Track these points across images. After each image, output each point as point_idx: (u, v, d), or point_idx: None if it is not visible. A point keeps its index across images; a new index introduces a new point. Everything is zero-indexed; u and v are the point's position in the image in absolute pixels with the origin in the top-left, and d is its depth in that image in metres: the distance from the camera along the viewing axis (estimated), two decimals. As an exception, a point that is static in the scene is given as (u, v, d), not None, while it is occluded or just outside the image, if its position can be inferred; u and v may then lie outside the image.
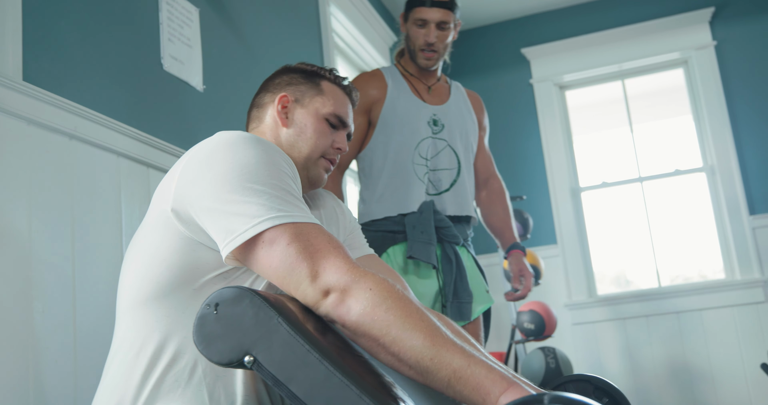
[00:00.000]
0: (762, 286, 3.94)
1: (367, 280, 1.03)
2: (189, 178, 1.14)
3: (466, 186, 2.36)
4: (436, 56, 2.37)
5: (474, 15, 4.65)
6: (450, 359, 0.97)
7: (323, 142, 1.43)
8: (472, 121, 2.45)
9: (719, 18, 4.31)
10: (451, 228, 2.25)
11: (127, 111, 1.88)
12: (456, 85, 2.51)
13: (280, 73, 1.50)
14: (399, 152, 2.30)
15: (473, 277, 2.28)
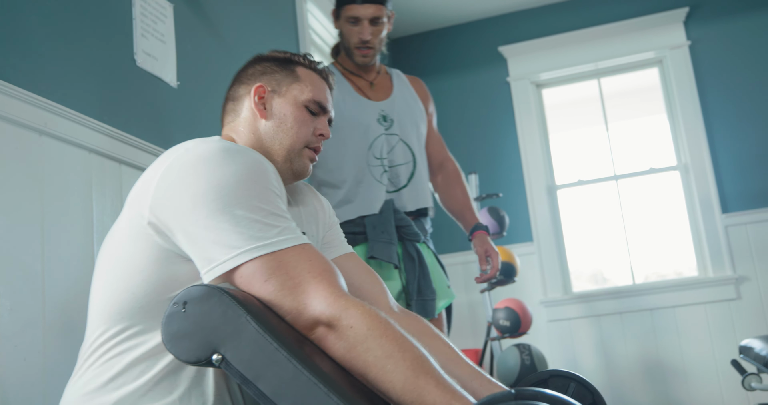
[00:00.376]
0: (734, 283, 3.99)
1: (350, 316, 1.02)
2: (166, 194, 1.11)
3: (423, 177, 2.36)
4: (373, 53, 2.36)
5: (451, 13, 4.66)
6: (431, 400, 0.97)
7: (305, 132, 1.40)
8: (420, 110, 2.44)
9: (693, 18, 4.36)
10: (412, 226, 2.24)
11: (99, 107, 1.86)
12: (396, 73, 2.49)
13: (253, 63, 1.46)
14: (353, 156, 2.28)
15: (435, 273, 2.28)
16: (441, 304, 2.25)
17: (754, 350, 2.49)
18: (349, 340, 1.02)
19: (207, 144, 1.15)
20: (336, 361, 1.06)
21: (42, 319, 1.54)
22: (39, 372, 1.51)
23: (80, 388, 1.15)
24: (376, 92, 2.39)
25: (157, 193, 1.12)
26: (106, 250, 1.21)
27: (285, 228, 1.10)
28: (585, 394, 1.35)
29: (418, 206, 2.31)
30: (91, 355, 1.16)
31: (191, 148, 1.15)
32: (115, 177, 1.86)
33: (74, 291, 1.63)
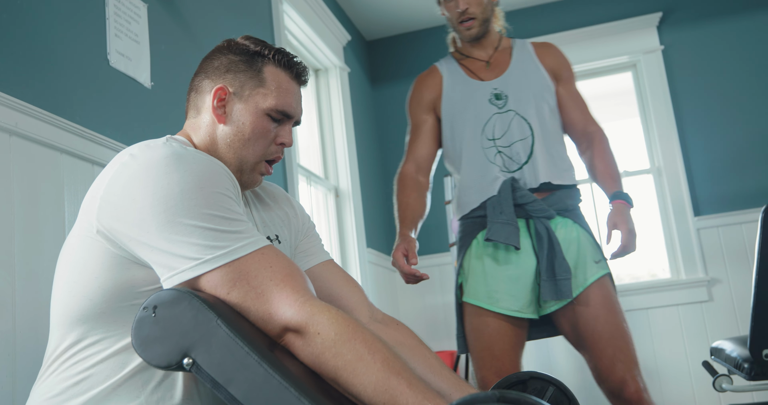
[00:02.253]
0: (706, 285, 4.04)
1: (316, 322, 1.01)
2: (112, 206, 1.08)
3: (550, 151, 2.23)
4: (476, 22, 2.29)
5: (427, 15, 4.67)
6: (404, 401, 0.97)
7: (262, 144, 1.32)
8: (542, 79, 2.30)
9: (666, 23, 4.41)
10: (537, 202, 2.14)
11: (72, 107, 1.84)
12: (521, 44, 2.37)
13: (221, 53, 1.36)
14: (468, 142, 2.26)
15: (579, 249, 2.15)
16: (589, 279, 2.11)
17: (725, 352, 2.52)
18: (318, 346, 1.01)
19: (151, 151, 1.11)
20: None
21: (12, 323, 1.51)
22: (9, 375, 1.49)
23: (44, 393, 1.13)
24: (491, 71, 2.32)
25: (103, 205, 1.09)
26: (64, 255, 1.19)
27: (241, 233, 1.07)
28: (562, 399, 1.35)
29: (544, 181, 2.19)
30: (54, 361, 1.15)
31: (136, 155, 1.11)
32: (88, 178, 1.84)
33: (46, 293, 1.61)
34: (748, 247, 3.99)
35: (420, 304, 4.45)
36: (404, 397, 0.97)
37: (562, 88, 2.32)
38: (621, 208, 2.09)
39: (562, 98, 2.31)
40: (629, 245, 2.02)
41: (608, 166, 2.21)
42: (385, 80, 4.87)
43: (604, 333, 2.05)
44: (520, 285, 2.14)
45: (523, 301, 2.13)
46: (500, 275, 2.15)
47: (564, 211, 2.19)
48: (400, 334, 1.42)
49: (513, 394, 0.78)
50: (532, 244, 2.16)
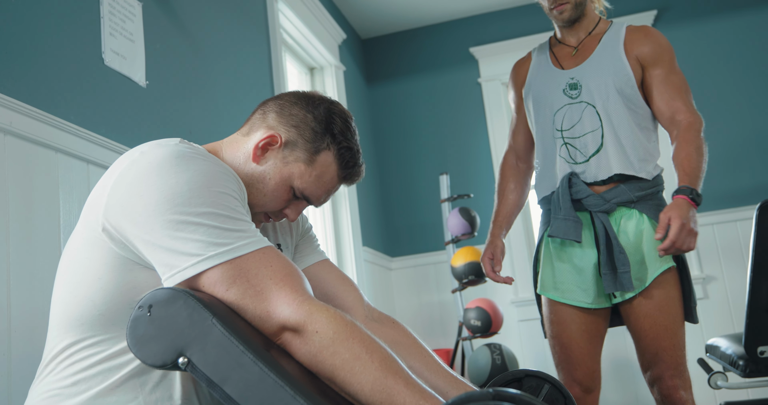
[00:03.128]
0: (701, 283, 4.05)
1: (315, 320, 1.02)
2: (119, 203, 1.08)
3: (621, 142, 2.17)
4: (569, 6, 2.23)
5: (423, 14, 4.67)
6: (401, 400, 0.97)
7: (273, 206, 1.30)
8: (622, 65, 2.20)
9: (661, 21, 4.41)
10: (592, 196, 2.14)
11: (66, 106, 1.83)
12: (616, 28, 2.29)
13: (306, 106, 1.30)
14: (542, 132, 2.28)
15: (646, 241, 2.12)
16: (654, 273, 2.10)
17: (720, 349, 2.53)
18: (315, 345, 1.01)
19: (161, 148, 1.11)
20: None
21: (8, 322, 1.51)
22: (4, 375, 1.48)
23: (43, 391, 1.14)
24: (575, 58, 2.28)
25: (110, 202, 1.09)
26: (66, 255, 1.19)
27: (244, 231, 1.07)
28: (557, 397, 1.35)
29: (616, 172, 2.15)
30: (52, 360, 1.15)
31: (146, 152, 1.12)
32: (83, 177, 1.83)
33: (41, 292, 1.61)
34: (743, 244, 4.01)
35: (416, 302, 4.45)
36: (401, 397, 0.97)
37: (651, 74, 2.22)
38: (680, 202, 1.99)
39: (649, 86, 2.22)
40: (679, 241, 1.94)
41: (684, 158, 2.10)
42: (381, 79, 4.87)
43: (651, 332, 2.10)
44: (585, 277, 2.17)
45: (592, 293, 2.16)
46: (566, 267, 2.21)
47: (630, 202, 2.16)
48: (397, 332, 1.43)
49: (508, 393, 0.78)
50: (594, 237, 2.18)
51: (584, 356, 2.18)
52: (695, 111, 2.19)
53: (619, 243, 2.11)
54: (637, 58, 2.21)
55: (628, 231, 2.15)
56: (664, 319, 2.10)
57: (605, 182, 2.18)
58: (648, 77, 2.22)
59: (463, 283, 3.75)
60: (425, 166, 4.62)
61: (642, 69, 2.22)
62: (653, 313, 2.10)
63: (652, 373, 2.12)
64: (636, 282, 2.11)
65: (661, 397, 2.11)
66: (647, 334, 2.11)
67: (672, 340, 2.10)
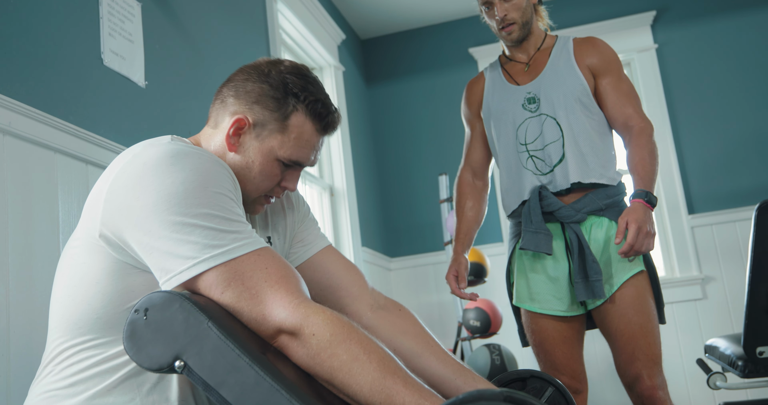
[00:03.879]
0: (700, 283, 4.05)
1: (311, 323, 1.01)
2: (115, 206, 1.08)
3: (581, 151, 2.22)
4: (516, 27, 2.30)
5: (422, 14, 4.67)
6: (400, 400, 0.97)
7: (267, 185, 1.29)
8: (576, 77, 2.27)
9: (660, 22, 4.41)
10: (564, 208, 2.19)
11: (65, 106, 1.83)
12: (562, 42, 2.36)
13: (259, 78, 1.28)
14: (505, 148, 2.32)
15: (614, 248, 2.16)
16: (623, 279, 2.14)
17: (719, 349, 2.53)
18: (313, 348, 1.01)
19: (154, 148, 1.11)
20: (300, 367, 1.05)
21: (7, 323, 1.51)
22: (3, 375, 1.48)
23: (41, 391, 1.14)
24: (527, 74, 2.34)
25: (107, 207, 1.09)
26: (64, 258, 1.19)
27: (239, 233, 1.07)
28: (560, 400, 1.35)
29: (574, 181, 2.21)
30: (51, 361, 1.15)
31: (139, 154, 1.11)
32: (82, 178, 1.83)
33: (40, 293, 1.61)
34: (742, 245, 4.01)
35: (415, 302, 4.45)
36: (400, 397, 0.97)
37: (603, 83, 2.28)
38: (636, 206, 2.07)
39: (601, 94, 2.29)
40: (637, 244, 2.02)
41: (638, 162, 2.17)
42: (380, 79, 4.87)
43: (627, 331, 2.13)
44: (559, 286, 2.22)
45: (566, 301, 2.21)
46: (540, 278, 2.25)
47: (598, 210, 2.21)
48: (404, 320, 1.42)
49: (519, 395, 0.78)
50: (566, 247, 2.22)
51: (568, 360, 2.23)
52: (645, 116, 2.26)
53: (591, 252, 2.16)
54: (588, 68, 2.29)
55: (599, 238, 2.20)
56: (639, 318, 2.13)
57: (569, 191, 2.24)
58: (599, 86, 2.29)
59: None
60: (424, 166, 4.62)
61: (594, 78, 2.30)
62: (628, 312, 2.13)
63: (629, 373, 2.13)
64: (606, 287, 2.16)
65: (641, 398, 2.11)
66: (623, 334, 2.13)
67: (647, 338, 2.12)
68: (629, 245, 2.02)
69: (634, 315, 2.12)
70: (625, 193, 2.29)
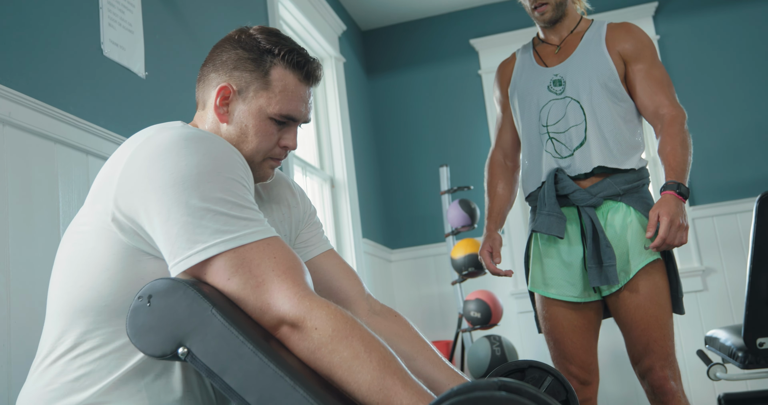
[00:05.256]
0: (701, 275, 4.05)
1: (315, 317, 1.00)
2: (129, 188, 1.07)
3: (604, 135, 2.19)
4: (549, 7, 2.27)
5: (423, 5, 4.66)
6: (398, 401, 0.97)
7: (266, 145, 1.29)
8: (605, 61, 2.23)
9: (662, 13, 4.40)
10: (579, 191, 2.16)
11: (65, 97, 1.83)
12: (597, 26, 2.32)
13: (231, 45, 1.31)
14: (528, 129, 2.31)
15: (633, 234, 2.13)
16: (637, 266, 2.11)
17: (719, 340, 2.53)
18: (314, 342, 1.00)
19: (168, 131, 1.11)
20: None
21: (7, 313, 1.51)
22: (4, 364, 1.49)
23: (43, 385, 1.12)
24: (558, 56, 2.32)
25: (120, 187, 1.08)
26: (68, 243, 1.17)
27: (251, 220, 1.07)
28: (559, 390, 1.35)
29: (597, 165, 2.17)
30: (52, 351, 1.13)
31: (152, 137, 1.11)
32: (82, 168, 1.83)
33: (40, 284, 1.61)
34: (742, 236, 4.01)
35: (416, 294, 4.45)
36: (398, 398, 0.97)
37: (633, 69, 2.24)
38: (667, 198, 2.03)
39: (632, 81, 2.25)
40: (669, 237, 1.99)
41: (669, 153, 2.13)
42: (381, 70, 4.86)
43: (641, 323, 2.11)
44: (573, 271, 2.20)
45: (579, 287, 2.19)
46: (554, 263, 2.23)
47: (616, 195, 2.18)
48: (399, 325, 1.42)
49: (514, 384, 0.78)
50: (582, 232, 2.20)
51: (577, 350, 2.20)
52: (678, 104, 2.22)
53: (606, 237, 2.13)
54: (620, 54, 2.25)
55: (615, 224, 2.17)
56: (655, 309, 2.11)
57: (589, 176, 2.20)
58: (630, 72, 2.25)
59: (462, 275, 3.75)
60: (425, 157, 4.62)
61: (624, 64, 2.25)
62: (644, 303, 2.11)
63: (642, 364, 2.13)
64: (621, 274, 2.13)
65: (652, 388, 2.12)
66: (638, 325, 2.11)
67: (662, 330, 2.11)
68: (661, 239, 1.99)
69: (651, 306, 2.10)
70: (648, 180, 2.25)
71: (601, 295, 2.20)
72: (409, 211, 4.61)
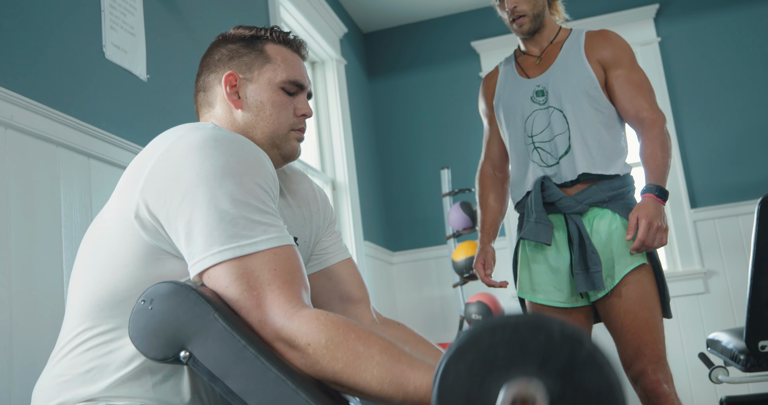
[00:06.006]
0: (702, 277, 4.05)
1: (305, 334, 0.99)
2: (156, 186, 1.08)
3: (588, 142, 2.22)
4: (527, 19, 2.32)
5: (424, 7, 4.66)
6: (412, 384, 0.96)
7: (285, 115, 1.33)
8: (584, 69, 2.27)
9: (663, 15, 4.40)
10: (565, 199, 2.19)
11: (67, 100, 1.83)
12: (575, 35, 2.36)
13: (219, 46, 1.38)
14: (514, 139, 2.34)
15: (619, 240, 2.16)
16: (623, 271, 2.13)
17: (721, 343, 2.53)
18: (311, 357, 0.99)
19: (200, 131, 1.12)
20: None
21: (9, 315, 1.51)
22: (6, 368, 1.49)
23: (57, 375, 1.13)
24: (539, 67, 2.36)
25: (147, 185, 1.09)
26: (92, 237, 1.17)
27: (270, 225, 1.06)
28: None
29: (581, 172, 2.21)
30: (68, 343, 1.14)
31: (183, 136, 1.12)
32: (84, 171, 1.83)
33: (42, 286, 1.61)
34: (744, 238, 4.00)
35: (417, 296, 4.45)
36: (411, 381, 0.96)
37: (613, 75, 2.28)
38: (646, 201, 2.07)
39: (612, 86, 2.27)
40: (648, 239, 2.02)
41: (649, 156, 2.17)
42: (382, 73, 4.86)
43: (632, 327, 2.12)
44: (560, 277, 2.22)
45: (566, 292, 2.21)
46: (542, 269, 2.26)
47: (602, 202, 2.21)
48: (403, 332, 1.43)
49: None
50: (569, 238, 2.23)
51: None
52: (658, 108, 2.25)
53: (592, 243, 2.16)
54: (599, 61, 2.29)
55: (601, 230, 2.19)
56: (644, 313, 2.12)
57: (575, 183, 2.24)
58: (610, 78, 2.28)
59: (464, 278, 3.75)
60: (426, 160, 4.62)
61: (604, 71, 2.29)
62: (633, 308, 2.12)
63: (634, 369, 2.13)
64: (608, 280, 2.15)
65: (645, 392, 2.12)
66: (629, 330, 2.12)
67: (652, 333, 2.12)
68: (640, 241, 2.02)
69: (640, 310, 2.12)
70: (633, 186, 2.28)
71: (589, 301, 2.22)
72: (410, 214, 4.61)
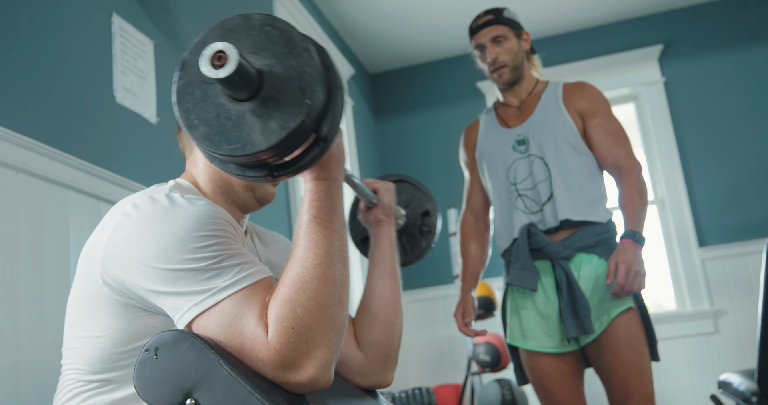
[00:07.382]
0: (711, 317, 4.01)
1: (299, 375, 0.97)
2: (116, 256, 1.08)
3: (570, 189, 2.28)
4: (507, 70, 2.40)
5: (430, 49, 4.72)
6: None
7: None
8: (563, 119, 2.34)
9: (667, 55, 4.44)
10: (551, 245, 2.23)
11: (78, 143, 1.85)
12: (553, 86, 2.44)
13: None
14: (497, 189, 2.40)
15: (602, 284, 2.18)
16: (612, 315, 2.15)
17: (733, 385, 2.50)
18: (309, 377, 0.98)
19: (152, 204, 1.11)
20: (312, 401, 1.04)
21: (17, 360, 1.51)
22: (11, 413, 1.48)
23: None
24: (519, 117, 2.43)
25: (107, 255, 1.09)
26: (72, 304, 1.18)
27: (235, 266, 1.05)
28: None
29: (563, 218, 2.25)
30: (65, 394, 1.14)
31: (139, 206, 1.11)
32: (93, 214, 1.85)
33: (50, 330, 1.61)
34: (753, 278, 3.98)
35: (424, 336, 4.42)
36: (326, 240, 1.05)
37: (591, 124, 2.35)
38: (625, 246, 2.12)
39: (590, 135, 2.35)
40: (627, 284, 2.07)
41: (627, 202, 2.23)
42: (389, 113, 4.90)
43: (620, 370, 2.13)
44: (550, 322, 2.24)
45: (557, 338, 2.23)
46: (531, 315, 2.27)
47: (588, 247, 2.24)
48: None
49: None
50: (556, 284, 2.25)
51: (568, 396, 2.23)
52: (634, 157, 2.31)
53: (580, 288, 2.18)
54: (577, 111, 2.37)
55: (588, 275, 2.22)
56: (632, 356, 2.13)
57: (559, 229, 2.27)
58: (588, 127, 2.36)
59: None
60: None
61: (582, 120, 2.37)
62: (621, 350, 2.13)
63: None
64: (596, 323, 2.17)
65: None
66: (617, 373, 2.13)
67: (640, 376, 2.12)
68: (619, 286, 2.08)
69: (628, 353, 2.13)
70: (615, 231, 2.32)
71: (578, 345, 2.23)
72: (417, 253, 4.60)
